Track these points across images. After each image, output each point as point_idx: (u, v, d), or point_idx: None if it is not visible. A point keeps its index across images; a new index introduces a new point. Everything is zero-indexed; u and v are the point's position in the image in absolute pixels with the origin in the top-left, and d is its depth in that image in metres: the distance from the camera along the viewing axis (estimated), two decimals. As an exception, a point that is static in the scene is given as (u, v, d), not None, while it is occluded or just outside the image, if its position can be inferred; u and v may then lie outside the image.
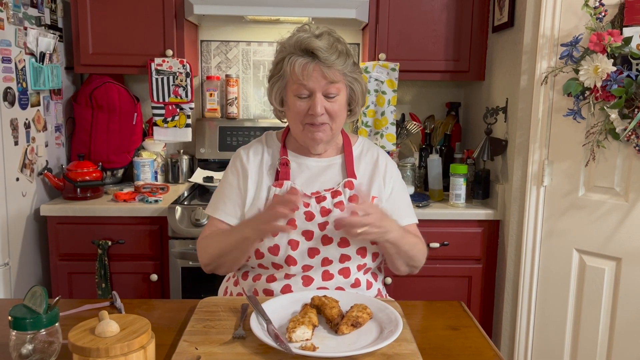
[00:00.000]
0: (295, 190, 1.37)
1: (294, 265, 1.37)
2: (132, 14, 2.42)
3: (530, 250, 2.14)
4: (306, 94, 1.38)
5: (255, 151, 1.52)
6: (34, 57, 2.22)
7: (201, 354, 1.06)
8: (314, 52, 1.36)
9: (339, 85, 1.39)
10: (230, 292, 1.53)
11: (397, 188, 1.53)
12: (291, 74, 1.38)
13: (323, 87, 1.37)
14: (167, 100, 2.49)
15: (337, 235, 1.39)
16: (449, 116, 2.80)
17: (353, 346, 1.09)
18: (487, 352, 1.13)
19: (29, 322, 0.96)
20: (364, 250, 1.41)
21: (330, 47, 1.37)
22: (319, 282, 1.39)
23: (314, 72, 1.36)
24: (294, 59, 1.37)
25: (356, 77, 1.44)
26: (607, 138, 1.85)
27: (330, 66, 1.36)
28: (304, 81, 1.36)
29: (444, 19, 2.47)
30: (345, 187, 1.45)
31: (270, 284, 1.40)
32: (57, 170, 2.48)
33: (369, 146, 1.57)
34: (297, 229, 1.38)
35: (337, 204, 1.42)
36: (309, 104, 1.38)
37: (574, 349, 2.06)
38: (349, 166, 1.49)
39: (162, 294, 2.33)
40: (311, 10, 2.39)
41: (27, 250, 2.24)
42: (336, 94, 1.39)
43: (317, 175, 1.48)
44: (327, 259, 1.38)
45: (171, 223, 2.23)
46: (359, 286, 1.42)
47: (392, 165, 1.55)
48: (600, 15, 1.79)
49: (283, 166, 1.47)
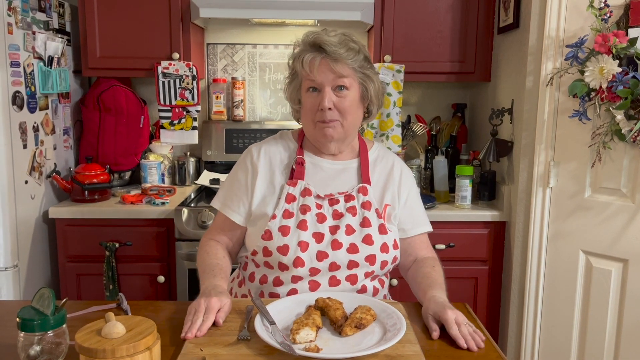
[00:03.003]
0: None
1: (301, 267, 1.36)
2: (139, 17, 2.44)
3: (536, 251, 2.14)
4: (316, 89, 1.38)
5: (267, 149, 1.50)
6: (42, 61, 2.24)
7: (206, 355, 1.07)
8: (322, 46, 1.36)
9: (348, 80, 1.37)
10: (234, 294, 1.53)
11: (412, 196, 1.52)
12: (302, 71, 1.39)
13: (331, 81, 1.36)
14: (173, 103, 2.50)
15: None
16: (454, 117, 2.80)
17: (357, 348, 1.09)
18: (491, 354, 1.13)
19: (36, 323, 0.97)
20: (373, 258, 1.39)
21: (340, 42, 1.37)
22: (326, 288, 1.38)
23: (321, 66, 1.36)
24: (303, 54, 1.38)
25: (369, 74, 1.42)
26: (613, 139, 1.84)
27: (338, 59, 1.35)
28: (312, 75, 1.36)
29: (449, 20, 2.47)
30: (359, 192, 1.44)
31: (276, 288, 1.39)
32: (65, 173, 2.51)
33: (384, 153, 1.55)
34: (307, 230, 1.38)
35: (350, 208, 1.41)
36: (319, 99, 1.37)
37: (581, 351, 2.05)
38: (364, 171, 1.48)
39: (169, 295, 2.35)
40: (317, 12, 2.39)
41: (36, 253, 2.26)
42: (346, 89, 1.38)
43: (332, 178, 1.47)
44: (334, 264, 1.37)
45: (178, 225, 2.25)
46: (365, 292, 1.42)
47: (407, 173, 1.54)
48: (606, 16, 1.79)
49: (298, 165, 1.45)
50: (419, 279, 1.39)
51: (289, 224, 1.39)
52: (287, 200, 1.41)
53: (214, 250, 1.44)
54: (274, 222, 1.39)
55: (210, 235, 1.50)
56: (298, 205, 1.41)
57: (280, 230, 1.38)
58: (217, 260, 1.41)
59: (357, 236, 1.39)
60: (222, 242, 1.48)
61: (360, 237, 1.39)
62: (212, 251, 1.44)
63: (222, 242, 1.48)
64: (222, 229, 1.49)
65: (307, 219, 1.39)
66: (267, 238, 1.38)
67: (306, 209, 1.40)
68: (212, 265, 1.38)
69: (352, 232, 1.39)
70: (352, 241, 1.38)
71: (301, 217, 1.39)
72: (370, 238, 1.39)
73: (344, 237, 1.38)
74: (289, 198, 1.41)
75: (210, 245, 1.46)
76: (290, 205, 1.41)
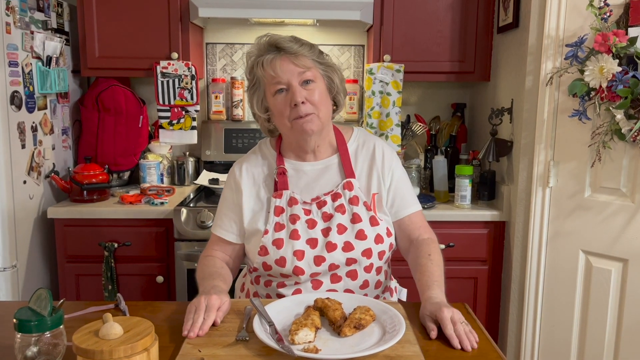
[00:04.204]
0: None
1: (302, 275, 1.38)
2: (138, 17, 2.44)
3: (536, 251, 2.14)
4: (284, 88, 1.37)
5: (248, 165, 1.51)
6: (40, 60, 2.24)
7: (204, 356, 1.06)
8: (278, 45, 1.37)
9: (311, 72, 1.38)
10: (247, 290, 1.54)
11: (397, 177, 1.49)
12: (264, 75, 1.38)
13: (297, 77, 1.37)
14: (172, 103, 2.50)
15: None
16: (454, 117, 2.80)
17: (356, 348, 1.09)
18: (490, 355, 1.12)
19: (33, 324, 0.96)
20: (369, 252, 1.40)
21: (292, 39, 1.39)
22: (328, 285, 1.40)
23: (283, 64, 1.36)
24: (261, 59, 1.39)
25: (329, 64, 1.43)
26: (612, 139, 1.83)
27: (296, 53, 1.37)
28: (277, 75, 1.36)
29: (449, 20, 2.47)
30: (345, 188, 1.44)
31: (281, 289, 1.42)
32: (64, 173, 2.50)
33: (364, 138, 1.53)
34: (300, 239, 1.39)
35: (338, 207, 1.42)
36: (289, 97, 1.37)
37: (581, 350, 2.04)
38: (346, 165, 1.47)
39: (168, 295, 2.34)
40: (316, 12, 2.39)
41: (34, 253, 2.26)
42: (312, 81, 1.38)
43: (315, 180, 1.47)
44: (333, 265, 1.39)
45: (177, 225, 2.24)
46: (368, 287, 1.43)
47: (389, 154, 1.51)
48: (605, 15, 1.78)
49: (280, 175, 1.45)
50: (418, 275, 1.38)
51: (281, 236, 1.40)
52: (275, 213, 1.42)
53: (211, 262, 1.45)
54: (267, 237, 1.40)
55: (206, 253, 1.51)
56: (287, 216, 1.42)
57: (274, 244, 1.39)
58: (216, 269, 1.42)
59: (349, 234, 1.40)
60: (220, 257, 1.49)
61: (353, 234, 1.40)
62: (210, 263, 1.45)
63: (220, 257, 1.49)
64: (218, 247, 1.50)
65: (298, 227, 1.40)
66: (264, 254, 1.40)
67: (295, 218, 1.41)
68: (211, 273, 1.39)
69: (344, 230, 1.40)
70: (345, 239, 1.39)
71: (292, 227, 1.40)
72: (363, 233, 1.40)
73: (337, 237, 1.39)
74: (277, 210, 1.42)
75: (208, 259, 1.47)
76: (279, 217, 1.42)
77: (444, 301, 1.26)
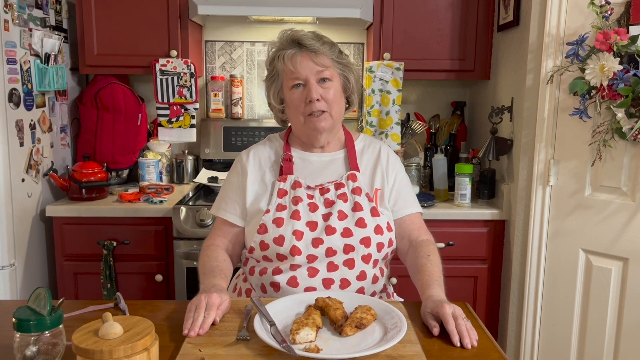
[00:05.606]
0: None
1: (298, 255, 1.38)
2: (137, 14, 2.43)
3: (536, 250, 2.13)
4: (301, 84, 1.42)
5: (256, 152, 1.55)
6: (39, 58, 2.23)
7: (205, 355, 1.06)
8: (300, 42, 1.42)
9: (329, 71, 1.43)
10: (239, 289, 1.55)
11: (400, 179, 1.54)
12: (283, 69, 1.43)
13: (315, 74, 1.41)
14: (171, 101, 2.49)
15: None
16: (454, 115, 2.79)
17: (357, 348, 1.08)
18: (492, 354, 1.12)
19: (32, 324, 0.95)
20: (368, 240, 1.41)
21: (314, 37, 1.44)
22: (324, 274, 1.40)
23: (303, 60, 1.41)
24: (282, 52, 1.43)
25: (347, 64, 1.48)
26: (613, 137, 1.83)
27: (317, 52, 1.42)
28: (296, 70, 1.41)
29: (449, 18, 2.46)
30: (349, 179, 1.48)
31: (276, 277, 1.41)
32: (63, 171, 2.49)
33: (371, 141, 1.59)
34: (301, 219, 1.41)
35: (341, 195, 1.44)
36: (305, 93, 1.42)
37: (581, 349, 2.04)
38: (352, 159, 1.52)
39: (167, 294, 2.34)
40: (315, 10, 2.38)
41: (33, 251, 2.25)
42: (329, 80, 1.43)
43: (321, 169, 1.51)
44: (331, 249, 1.39)
45: (176, 223, 2.24)
46: (365, 279, 1.43)
47: (394, 158, 1.57)
48: (607, 13, 1.78)
49: (286, 162, 1.50)
50: (417, 275, 1.38)
51: (283, 215, 1.42)
52: (279, 195, 1.45)
53: (214, 253, 1.46)
54: (267, 216, 1.42)
55: (210, 241, 1.52)
56: (290, 198, 1.45)
57: (274, 222, 1.41)
58: (218, 262, 1.42)
59: (349, 220, 1.42)
60: (222, 245, 1.50)
61: (353, 221, 1.42)
62: (212, 255, 1.45)
63: (222, 245, 1.50)
64: (220, 232, 1.52)
65: (300, 209, 1.42)
66: (263, 232, 1.42)
67: (298, 200, 1.43)
68: (212, 267, 1.40)
69: (345, 217, 1.42)
70: (345, 225, 1.41)
71: (293, 207, 1.43)
72: (363, 221, 1.42)
73: (337, 223, 1.41)
74: (281, 193, 1.45)
75: (211, 249, 1.48)
76: (282, 199, 1.45)
77: (444, 298, 1.27)
